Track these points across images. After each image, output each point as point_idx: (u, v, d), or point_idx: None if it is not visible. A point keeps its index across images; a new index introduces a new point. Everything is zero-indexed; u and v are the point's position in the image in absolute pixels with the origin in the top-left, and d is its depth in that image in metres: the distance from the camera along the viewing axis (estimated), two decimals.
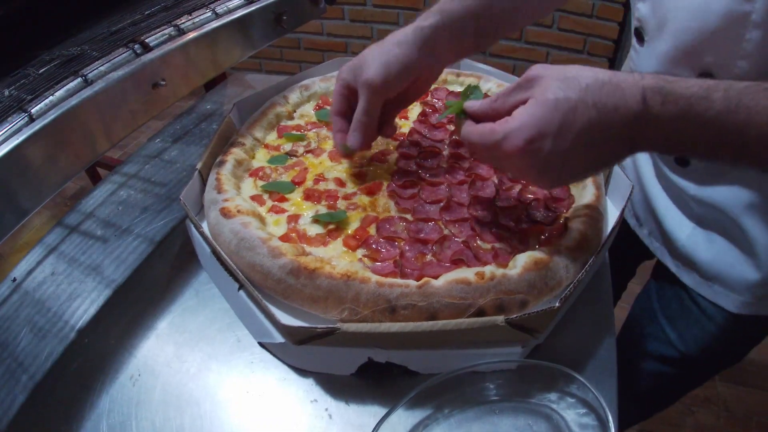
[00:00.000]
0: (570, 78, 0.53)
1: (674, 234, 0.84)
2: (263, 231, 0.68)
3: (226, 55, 0.88)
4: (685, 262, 0.85)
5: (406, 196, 0.77)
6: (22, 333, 0.76)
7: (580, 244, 0.65)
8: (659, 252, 0.91)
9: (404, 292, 0.58)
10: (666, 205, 0.85)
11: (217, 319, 0.73)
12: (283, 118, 0.95)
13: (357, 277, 0.59)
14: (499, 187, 0.78)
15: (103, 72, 0.71)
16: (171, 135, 1.16)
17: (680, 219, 0.83)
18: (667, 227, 0.86)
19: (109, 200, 1.00)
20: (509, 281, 0.59)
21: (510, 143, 0.54)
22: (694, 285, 0.85)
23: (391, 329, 0.55)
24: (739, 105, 0.48)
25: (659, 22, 0.69)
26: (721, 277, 0.80)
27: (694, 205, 0.79)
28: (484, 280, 0.58)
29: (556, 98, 0.53)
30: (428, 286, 0.58)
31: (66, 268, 0.86)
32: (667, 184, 0.84)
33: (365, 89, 0.73)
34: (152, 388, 0.66)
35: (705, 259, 0.81)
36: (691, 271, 0.85)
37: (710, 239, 0.80)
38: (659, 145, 0.55)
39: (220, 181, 0.77)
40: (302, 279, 0.61)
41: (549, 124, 0.53)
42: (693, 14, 0.63)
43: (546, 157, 0.54)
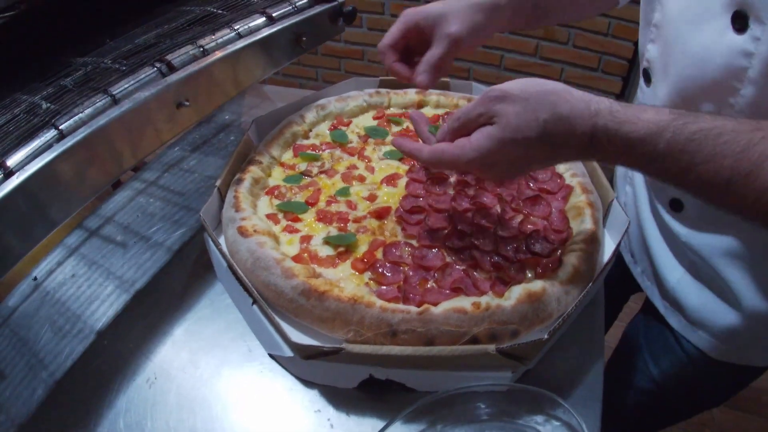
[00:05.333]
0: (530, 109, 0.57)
1: (665, 276, 0.87)
2: (277, 251, 0.73)
3: (247, 74, 0.91)
4: (673, 304, 0.87)
5: (413, 222, 0.81)
6: (42, 331, 0.80)
7: (573, 279, 0.69)
8: (649, 291, 0.93)
9: (405, 318, 0.62)
10: (660, 247, 0.87)
11: (230, 329, 0.78)
12: (299, 137, 1.00)
13: (363, 301, 0.64)
14: (501, 216, 0.82)
15: (130, 90, 0.74)
16: (190, 144, 1.20)
17: (672, 263, 0.85)
18: (659, 269, 0.88)
19: (129, 206, 1.05)
20: (503, 312, 0.63)
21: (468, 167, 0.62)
22: (680, 328, 0.87)
23: (391, 352, 0.59)
24: (683, 151, 0.51)
25: (665, 64, 0.72)
26: (706, 323, 0.82)
27: (687, 251, 0.81)
28: (480, 310, 0.63)
29: (513, 138, 0.57)
30: (427, 313, 0.63)
31: (86, 270, 0.91)
32: (661, 225, 0.86)
33: (448, 41, 0.78)
34: (167, 391, 0.70)
35: (692, 305, 0.83)
36: (678, 314, 0.87)
37: (698, 286, 0.82)
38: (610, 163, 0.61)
39: (238, 200, 0.81)
40: (313, 300, 0.65)
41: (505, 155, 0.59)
42: (695, 62, 0.65)
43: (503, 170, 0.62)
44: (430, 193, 0.87)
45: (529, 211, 0.85)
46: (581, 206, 0.82)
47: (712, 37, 0.61)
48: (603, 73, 2.48)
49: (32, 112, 0.72)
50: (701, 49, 0.63)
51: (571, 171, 0.91)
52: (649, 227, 0.88)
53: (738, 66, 0.60)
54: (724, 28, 0.60)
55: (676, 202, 0.79)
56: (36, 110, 0.73)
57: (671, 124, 0.52)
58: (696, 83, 0.66)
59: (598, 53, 2.43)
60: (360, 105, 1.08)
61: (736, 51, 0.59)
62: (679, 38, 0.67)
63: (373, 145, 1.00)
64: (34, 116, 0.71)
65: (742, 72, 0.60)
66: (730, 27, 0.59)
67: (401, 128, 1.05)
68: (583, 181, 0.88)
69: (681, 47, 0.67)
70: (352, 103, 1.07)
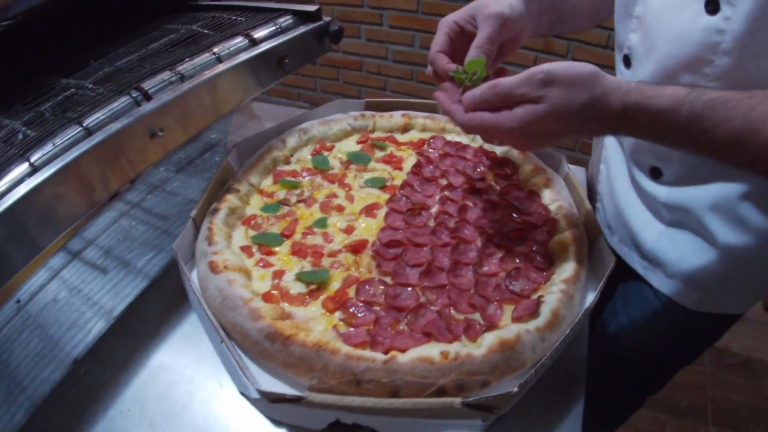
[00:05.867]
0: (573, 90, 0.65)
1: (643, 237, 0.92)
2: (247, 289, 0.71)
3: (225, 100, 0.89)
4: (652, 261, 0.92)
5: (389, 257, 0.79)
6: (23, 356, 0.80)
7: (551, 324, 0.67)
8: (628, 257, 0.97)
9: (370, 367, 0.60)
10: (637, 212, 0.92)
11: (203, 362, 0.76)
12: (279, 163, 0.98)
13: (328, 347, 0.62)
14: (481, 252, 0.80)
15: (103, 121, 0.73)
16: (175, 164, 1.19)
17: (650, 223, 0.90)
18: (636, 232, 0.93)
19: (112, 228, 1.04)
20: (472, 362, 0.61)
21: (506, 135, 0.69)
22: (659, 284, 0.92)
23: (353, 403, 0.57)
24: (701, 117, 0.61)
25: (646, 49, 0.80)
26: (683, 274, 0.88)
27: (664, 211, 0.87)
28: (448, 360, 0.60)
29: (558, 115, 0.65)
30: (393, 362, 0.61)
31: (67, 295, 0.90)
32: (640, 192, 0.91)
33: (492, 20, 0.80)
34: (140, 423, 0.70)
35: (671, 258, 0.89)
36: (657, 271, 0.92)
37: (676, 240, 0.88)
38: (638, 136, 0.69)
39: (212, 231, 0.80)
40: (277, 344, 0.64)
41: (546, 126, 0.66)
42: (674, 43, 0.74)
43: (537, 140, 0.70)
44: (410, 225, 0.85)
45: (511, 246, 0.82)
46: (566, 242, 0.80)
47: (689, 21, 0.71)
48: None
49: (9, 141, 0.72)
50: (680, 31, 0.73)
51: (557, 203, 0.89)
52: (626, 197, 0.94)
53: (712, 41, 0.69)
54: (699, 12, 0.69)
55: (655, 169, 0.86)
56: (12, 140, 0.72)
57: (688, 96, 0.62)
58: (676, 60, 0.75)
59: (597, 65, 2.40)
60: (344, 129, 1.06)
61: (710, 29, 0.69)
62: (661, 25, 0.76)
63: (354, 171, 0.98)
64: (11, 146, 0.70)
65: (716, 46, 0.69)
66: (704, 11, 0.69)
67: (385, 153, 1.03)
68: (570, 214, 0.86)
69: (662, 32, 0.76)
70: (336, 127, 1.06)
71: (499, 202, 0.91)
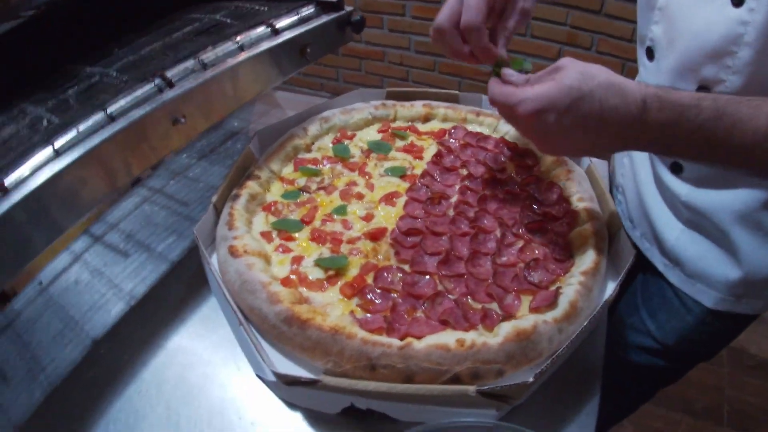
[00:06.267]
0: (587, 73, 0.63)
1: (664, 235, 0.91)
2: (266, 273, 0.72)
3: (247, 88, 0.90)
4: (672, 260, 0.92)
5: (408, 245, 0.79)
6: (44, 336, 0.81)
7: (569, 316, 0.67)
8: (649, 252, 0.97)
9: (385, 352, 0.61)
10: (660, 208, 0.92)
11: (221, 346, 0.77)
12: (300, 151, 0.99)
13: (344, 332, 0.63)
14: (500, 242, 0.80)
15: (126, 107, 0.74)
16: (197, 151, 1.20)
17: (671, 221, 0.90)
18: (658, 228, 0.92)
19: (134, 214, 1.05)
20: (488, 350, 0.61)
21: (522, 107, 0.65)
22: (679, 282, 0.92)
23: (368, 387, 0.58)
24: (725, 113, 0.58)
25: (669, 41, 0.79)
26: (703, 275, 0.88)
27: (684, 210, 0.86)
28: (464, 347, 0.60)
29: (570, 85, 0.62)
30: (409, 348, 0.61)
31: (89, 278, 0.92)
32: (662, 189, 0.90)
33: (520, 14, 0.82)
34: (157, 403, 0.71)
35: (690, 258, 0.88)
36: (677, 269, 0.92)
37: (696, 241, 0.87)
38: (652, 146, 0.66)
39: (233, 217, 0.81)
40: (294, 328, 0.64)
41: (557, 102, 0.63)
42: (697, 35, 0.74)
43: (548, 128, 0.65)
44: (429, 214, 0.85)
45: (530, 237, 0.82)
46: (586, 234, 0.79)
47: (714, 13, 0.70)
48: None
49: (34, 128, 0.74)
50: (704, 23, 0.72)
51: (578, 195, 0.88)
52: (648, 191, 0.94)
53: (735, 33, 0.68)
54: (725, 4, 0.69)
55: (676, 165, 0.85)
56: (38, 126, 0.74)
57: (708, 95, 0.60)
58: (699, 52, 0.74)
59: (622, 59, 2.37)
60: (365, 117, 1.06)
61: (734, 21, 0.68)
62: (685, 17, 0.75)
63: (375, 160, 0.98)
64: (35, 133, 0.72)
65: (739, 37, 0.68)
66: (729, 3, 0.68)
67: (406, 143, 1.03)
68: (590, 207, 0.85)
69: (686, 24, 0.75)
70: (357, 116, 1.06)
71: (519, 193, 0.91)
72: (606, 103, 0.62)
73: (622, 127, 0.63)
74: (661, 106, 0.61)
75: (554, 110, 0.63)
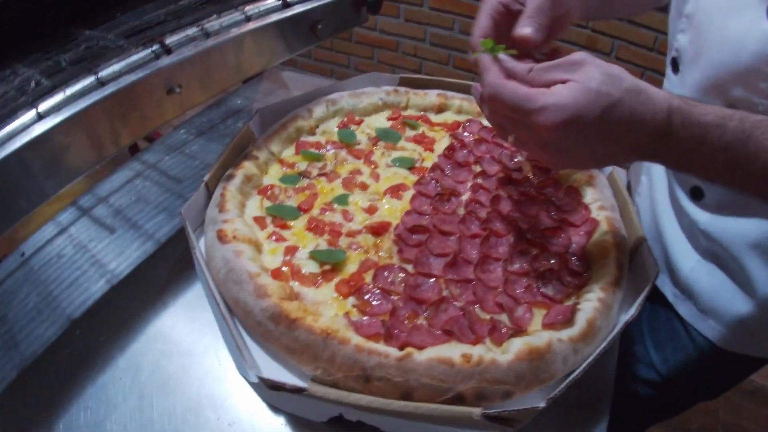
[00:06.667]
0: (614, 75, 0.55)
1: (679, 263, 0.86)
2: (255, 263, 0.66)
3: (250, 62, 0.84)
4: (685, 291, 0.86)
5: (413, 243, 0.73)
6: (21, 310, 0.77)
7: (586, 335, 0.60)
8: (659, 281, 0.91)
9: (382, 363, 0.54)
10: (676, 234, 0.86)
11: (203, 336, 0.72)
12: (304, 133, 0.92)
13: (337, 336, 0.56)
14: (513, 248, 0.73)
15: (118, 72, 0.68)
16: (196, 127, 1.14)
17: (687, 250, 0.85)
18: (672, 256, 0.87)
19: (125, 188, 1.00)
20: (496, 369, 0.54)
21: (545, 117, 0.54)
22: (690, 317, 0.86)
23: (360, 402, 0.52)
24: (750, 137, 0.53)
25: (696, 53, 0.73)
26: (717, 311, 0.82)
27: (702, 239, 0.81)
28: (470, 364, 0.54)
29: (599, 90, 0.53)
30: (408, 360, 0.54)
31: (72, 253, 0.87)
32: (680, 214, 0.85)
33: None
34: (131, 393, 0.66)
35: (705, 292, 0.83)
36: (689, 302, 0.86)
37: (712, 273, 0.82)
38: (674, 162, 0.58)
39: (225, 198, 0.74)
40: (281, 327, 0.58)
41: (588, 112, 0.53)
42: (728, 49, 0.66)
43: (573, 141, 0.55)
44: (437, 210, 0.79)
45: (546, 244, 0.75)
46: (607, 246, 0.73)
47: (747, 26, 0.63)
48: None
49: (22, 89, 0.69)
50: (735, 37, 0.65)
51: (599, 203, 0.81)
52: (665, 216, 0.88)
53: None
54: (759, 17, 0.62)
55: (697, 189, 0.79)
56: (25, 88, 0.69)
57: (735, 115, 0.54)
58: (729, 69, 0.67)
59: (641, 68, 2.31)
60: (375, 103, 1.00)
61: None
62: (712, 27, 0.69)
63: (382, 148, 0.92)
64: (22, 94, 0.68)
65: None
66: (765, 16, 0.61)
67: (416, 132, 0.96)
68: (612, 216, 0.79)
69: (714, 35, 0.69)
70: (367, 100, 0.99)
71: (536, 196, 0.84)
72: (635, 111, 0.54)
73: (646, 138, 0.56)
74: (684, 122, 0.54)
75: (582, 121, 0.54)
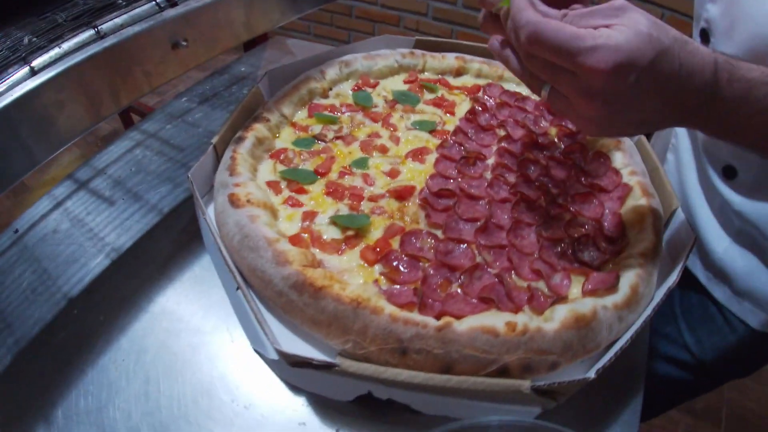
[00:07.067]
0: (659, 23, 0.50)
1: (711, 246, 0.83)
2: (272, 229, 0.60)
3: (262, 18, 0.79)
4: (718, 274, 0.84)
5: (440, 207, 0.68)
6: (15, 291, 0.72)
7: (630, 302, 0.56)
8: (690, 262, 0.87)
9: (420, 333, 0.49)
10: (707, 216, 0.84)
11: (212, 312, 0.67)
12: (316, 95, 0.87)
13: (368, 305, 0.51)
14: (546, 212, 0.69)
15: (119, 25, 0.64)
16: (199, 95, 1.09)
17: (719, 232, 0.82)
18: (704, 238, 0.84)
19: (124, 158, 0.95)
20: (543, 338, 0.50)
21: (596, 58, 0.47)
22: (725, 299, 0.84)
23: (398, 377, 0.47)
24: None
25: (729, 25, 0.69)
26: (752, 293, 0.80)
27: (736, 220, 0.78)
28: (515, 332, 0.49)
29: (650, 34, 0.48)
30: (448, 331, 0.49)
31: (68, 227, 0.82)
32: (711, 194, 0.82)
33: None
34: (135, 376, 0.61)
35: (739, 274, 0.80)
36: (723, 285, 0.84)
37: (746, 255, 0.79)
38: (717, 124, 0.54)
39: (235, 161, 0.69)
40: (306, 297, 0.53)
41: (642, 56, 0.47)
42: (764, 21, 0.63)
43: (623, 90, 0.48)
44: (463, 174, 0.74)
45: (577, 209, 0.71)
46: (642, 212, 0.68)
47: None
48: None
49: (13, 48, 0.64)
50: None
51: (629, 168, 0.76)
52: (695, 196, 0.85)
53: None
54: None
55: (729, 169, 0.76)
56: (17, 46, 0.64)
57: None
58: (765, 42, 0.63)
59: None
60: (390, 65, 0.94)
61: None
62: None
63: (401, 112, 0.86)
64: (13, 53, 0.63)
65: None
66: None
67: (435, 96, 0.91)
68: (644, 182, 0.74)
69: (750, 7, 0.65)
70: (382, 63, 0.93)
71: (564, 160, 0.79)
72: (685, 62, 0.49)
73: (694, 94, 0.50)
74: (731, 77, 0.50)
75: (636, 66, 0.47)
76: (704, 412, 1.86)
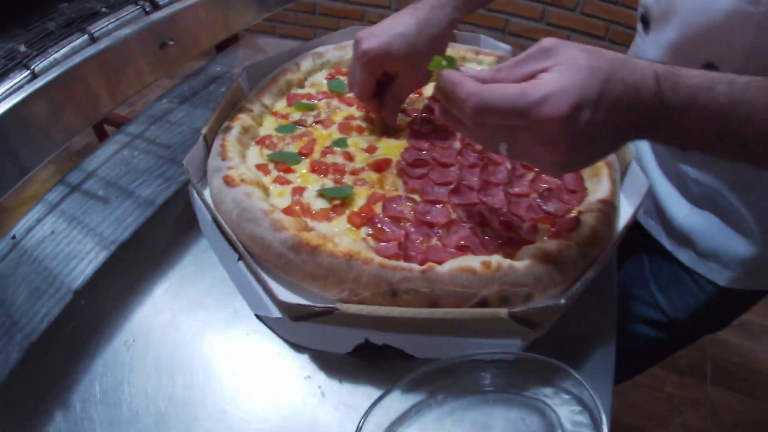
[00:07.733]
0: (593, 51, 0.50)
1: (672, 214, 0.87)
2: (266, 202, 0.66)
3: (238, 16, 0.85)
4: (682, 240, 0.87)
5: (416, 175, 0.74)
6: (18, 291, 0.75)
7: (591, 240, 0.63)
8: (654, 230, 0.92)
9: (407, 276, 0.56)
10: (664, 185, 0.87)
11: (214, 288, 0.72)
12: (293, 86, 0.93)
13: (360, 257, 0.58)
14: (511, 173, 0.76)
15: (110, 29, 0.69)
16: (178, 96, 1.13)
17: (678, 200, 0.85)
18: (664, 207, 0.88)
19: (113, 160, 0.98)
20: (515, 273, 0.57)
21: (549, 108, 0.47)
22: (690, 262, 0.87)
23: (391, 314, 0.53)
24: (742, 100, 0.49)
25: (664, 11, 0.71)
26: (716, 253, 0.83)
27: (694, 187, 0.81)
28: (490, 270, 0.56)
29: (590, 66, 0.48)
30: (432, 272, 0.56)
31: (65, 227, 0.85)
32: (667, 167, 0.85)
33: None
34: (146, 354, 0.65)
35: (701, 237, 0.84)
36: (687, 249, 0.87)
37: (707, 218, 0.83)
38: (665, 134, 0.53)
39: (225, 148, 0.74)
40: (303, 255, 0.59)
41: (590, 90, 0.47)
42: (699, 8, 0.65)
43: (581, 129, 0.48)
44: (435, 146, 0.80)
45: None
46: (598, 165, 0.76)
47: None
48: (610, 42, 2.39)
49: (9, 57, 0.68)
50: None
51: None
52: (652, 168, 0.88)
53: (744, 11, 0.61)
54: None
55: None
56: (14, 54, 0.68)
57: (723, 77, 0.50)
58: (701, 29, 0.66)
59: (606, 21, 2.34)
60: None
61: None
62: None
63: None
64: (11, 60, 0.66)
65: (748, 17, 0.61)
66: None
67: None
68: None
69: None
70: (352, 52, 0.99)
71: None
72: (628, 81, 0.49)
73: (643, 110, 0.50)
74: (673, 86, 0.50)
75: (588, 102, 0.47)
76: (689, 369, 1.93)
